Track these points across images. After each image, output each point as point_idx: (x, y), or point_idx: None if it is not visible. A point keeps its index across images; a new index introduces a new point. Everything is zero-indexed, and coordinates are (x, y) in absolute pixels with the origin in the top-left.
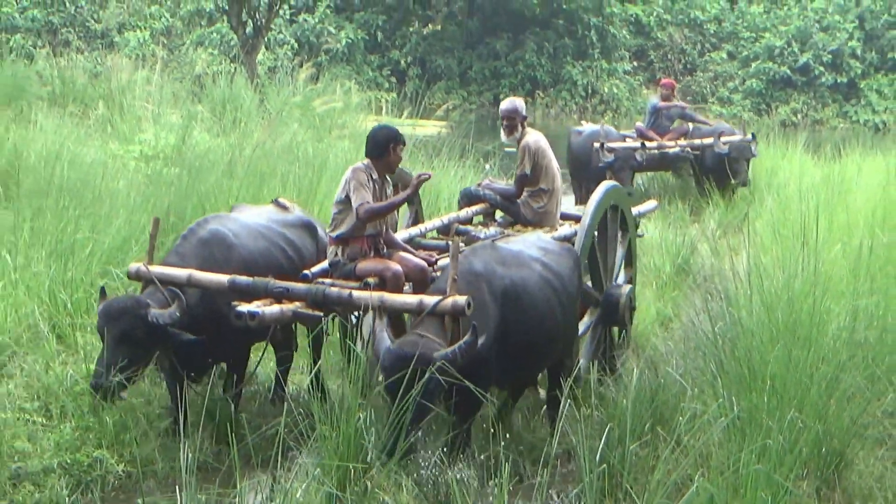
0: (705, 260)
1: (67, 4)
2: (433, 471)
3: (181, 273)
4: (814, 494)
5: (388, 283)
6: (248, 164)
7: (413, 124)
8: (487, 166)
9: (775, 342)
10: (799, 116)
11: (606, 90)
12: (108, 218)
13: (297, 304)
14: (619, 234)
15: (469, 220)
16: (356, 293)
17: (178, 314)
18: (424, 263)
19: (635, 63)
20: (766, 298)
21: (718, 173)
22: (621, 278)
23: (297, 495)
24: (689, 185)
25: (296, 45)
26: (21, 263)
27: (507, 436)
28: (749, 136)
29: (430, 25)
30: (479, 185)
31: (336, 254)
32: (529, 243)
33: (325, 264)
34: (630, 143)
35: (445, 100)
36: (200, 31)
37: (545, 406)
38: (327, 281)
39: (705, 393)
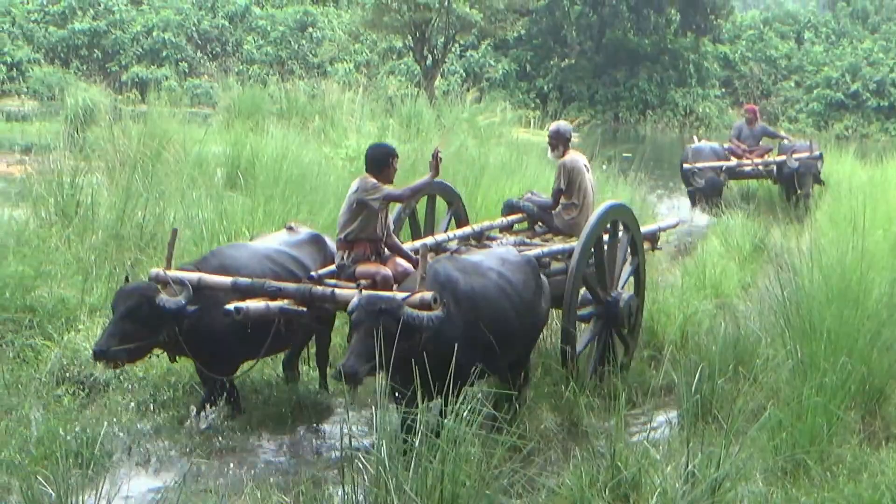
0: (777, 240)
1: (292, 43)
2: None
3: (192, 276)
4: (859, 421)
5: (378, 284)
6: (426, 165)
7: None
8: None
9: (830, 304)
10: (850, 132)
11: (701, 110)
12: (322, 203)
13: (287, 301)
14: (627, 249)
15: (509, 228)
16: (338, 291)
17: (183, 302)
18: (412, 268)
19: (723, 89)
20: (824, 270)
21: (788, 184)
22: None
23: None
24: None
25: (464, 74)
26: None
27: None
28: (817, 154)
29: (566, 60)
30: (522, 197)
31: (342, 257)
32: (490, 255)
33: (333, 267)
34: (717, 162)
35: (577, 117)
36: (392, 63)
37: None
38: (331, 282)
39: (776, 342)
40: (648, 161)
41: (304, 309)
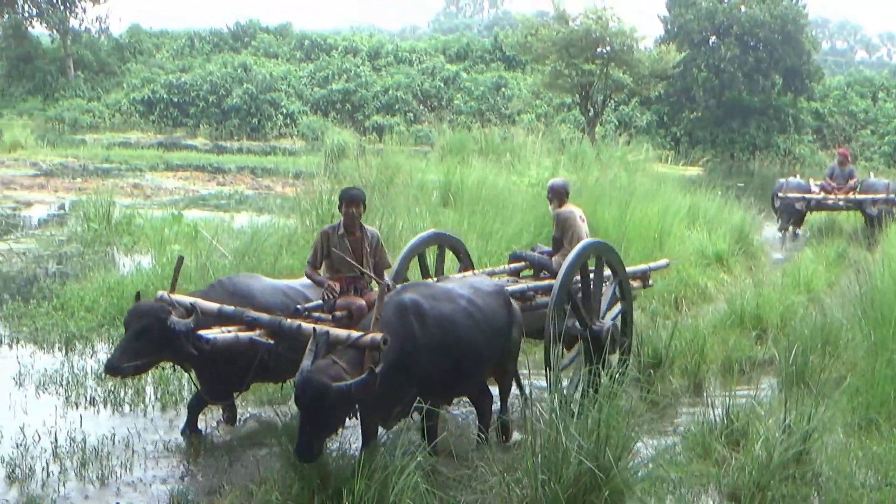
0: (856, 251)
1: (490, 98)
2: None
3: (187, 300)
4: None
5: (353, 315)
6: (589, 191)
7: (685, 169)
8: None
9: None
10: None
11: (797, 152)
12: (510, 217)
13: (259, 331)
14: (612, 280)
15: (516, 274)
16: (304, 325)
17: (192, 325)
18: None
19: (814, 136)
20: (892, 273)
21: (868, 221)
22: (609, 317)
23: None
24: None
25: (617, 123)
26: None
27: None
28: (893, 197)
29: (694, 113)
30: (532, 248)
31: (328, 295)
32: (463, 283)
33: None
34: (796, 195)
35: (702, 156)
36: (563, 114)
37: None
38: (317, 314)
39: (854, 327)
40: (756, 190)
41: (272, 342)
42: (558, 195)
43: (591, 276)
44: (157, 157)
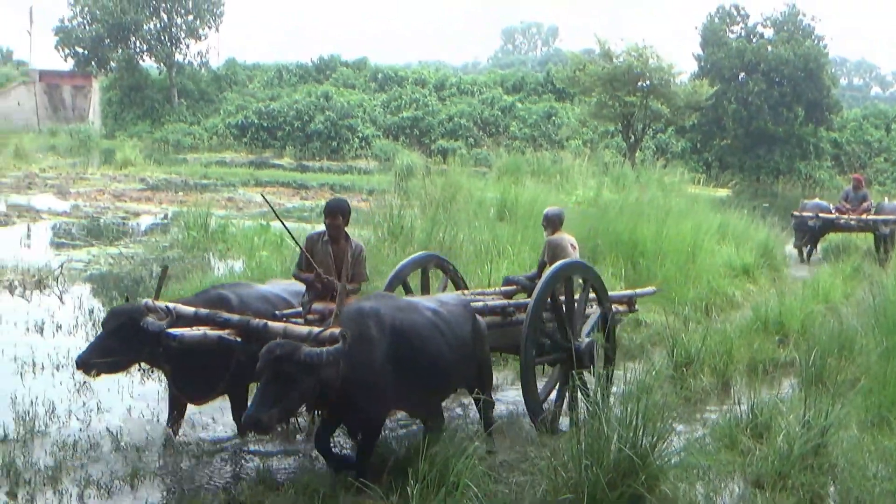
0: (870, 266)
1: (541, 126)
2: None
3: (167, 305)
4: None
5: (326, 318)
6: (629, 209)
7: (715, 190)
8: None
9: None
10: None
11: (817, 176)
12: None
13: (227, 332)
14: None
15: (508, 296)
16: (271, 324)
17: (165, 327)
18: None
19: (832, 162)
20: None
21: (880, 240)
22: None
23: None
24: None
25: (654, 149)
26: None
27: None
28: None
29: (724, 140)
30: (526, 276)
31: (306, 298)
32: (431, 298)
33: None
34: (809, 213)
35: (731, 179)
36: (607, 141)
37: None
38: (297, 319)
39: (868, 334)
40: (780, 210)
41: (239, 339)
42: (552, 223)
43: (564, 296)
44: (248, 175)
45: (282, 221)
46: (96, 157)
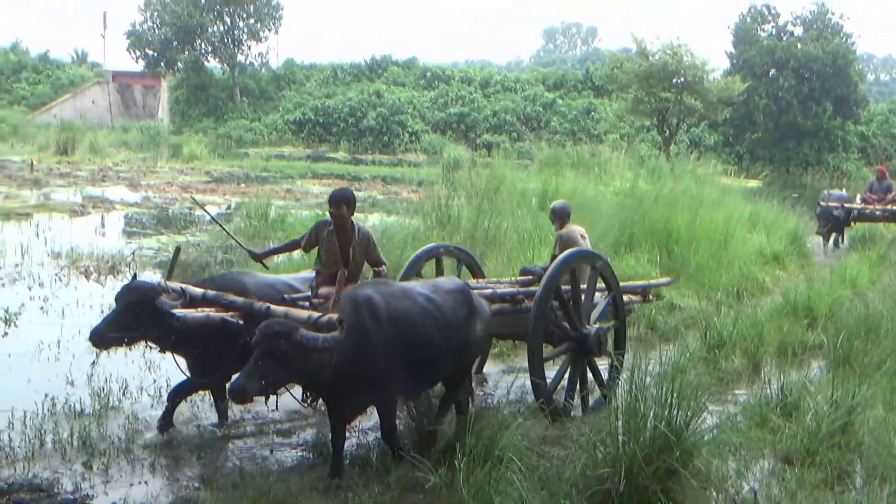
0: (895, 254)
1: (581, 121)
2: None
3: (178, 286)
4: None
5: (330, 302)
6: (664, 199)
7: (746, 181)
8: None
9: None
10: None
11: (844, 168)
12: (598, 220)
13: (230, 314)
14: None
15: (525, 286)
16: (273, 307)
17: (177, 305)
18: None
19: (859, 154)
20: None
21: None
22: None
23: None
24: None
25: (688, 142)
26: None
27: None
28: None
29: (756, 134)
30: (542, 266)
31: (314, 283)
32: (426, 283)
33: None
34: (835, 203)
35: (762, 170)
36: (643, 135)
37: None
38: (305, 304)
39: (894, 318)
40: (808, 200)
41: (242, 322)
42: (560, 217)
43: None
44: (305, 168)
45: (213, 218)
46: (165, 151)
